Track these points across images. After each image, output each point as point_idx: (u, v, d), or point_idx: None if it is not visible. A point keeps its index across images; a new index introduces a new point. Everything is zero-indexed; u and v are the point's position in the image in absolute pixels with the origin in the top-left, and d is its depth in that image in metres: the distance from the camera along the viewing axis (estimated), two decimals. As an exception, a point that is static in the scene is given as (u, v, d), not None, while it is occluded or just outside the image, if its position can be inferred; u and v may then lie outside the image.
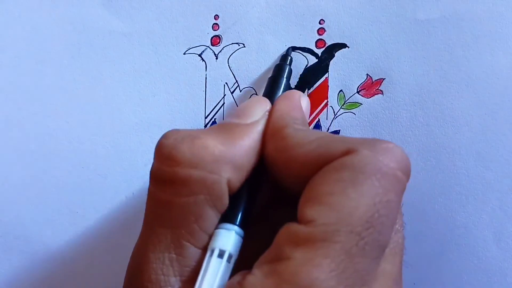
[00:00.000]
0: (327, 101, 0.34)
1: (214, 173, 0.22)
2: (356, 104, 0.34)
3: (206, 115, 0.35)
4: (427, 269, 0.33)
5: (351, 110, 0.34)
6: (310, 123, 0.34)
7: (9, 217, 0.36)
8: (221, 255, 0.21)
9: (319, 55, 0.34)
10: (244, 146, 0.23)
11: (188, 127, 0.35)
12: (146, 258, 0.22)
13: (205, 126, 0.35)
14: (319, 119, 0.34)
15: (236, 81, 0.35)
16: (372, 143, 0.22)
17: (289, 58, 0.33)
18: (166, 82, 0.35)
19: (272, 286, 0.19)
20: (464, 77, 0.33)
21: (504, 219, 0.32)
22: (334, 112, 0.34)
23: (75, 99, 0.36)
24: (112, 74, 0.35)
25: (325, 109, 0.34)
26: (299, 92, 0.27)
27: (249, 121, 0.24)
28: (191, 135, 0.22)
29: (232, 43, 0.35)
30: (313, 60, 0.34)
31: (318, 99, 0.34)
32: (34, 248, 0.36)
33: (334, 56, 0.34)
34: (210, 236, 0.22)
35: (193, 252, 0.22)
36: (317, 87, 0.34)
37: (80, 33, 0.36)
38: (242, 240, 0.23)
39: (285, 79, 0.31)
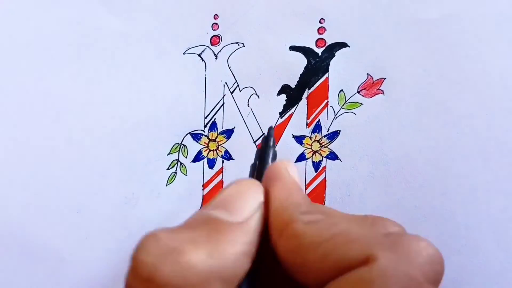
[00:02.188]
0: (328, 101, 0.34)
1: None
2: (357, 104, 0.34)
3: (205, 115, 0.35)
4: (428, 270, 0.33)
5: (352, 110, 0.34)
6: (310, 124, 0.34)
7: (9, 217, 0.36)
8: None
9: (319, 54, 0.34)
10: (237, 255, 0.19)
11: (188, 126, 0.35)
12: None
13: (205, 125, 0.35)
14: (319, 119, 0.34)
15: (236, 81, 0.35)
16: (395, 243, 0.19)
17: (272, 140, 0.27)
18: (166, 82, 0.35)
19: None
20: (465, 77, 0.32)
21: (505, 220, 0.32)
22: (334, 112, 0.34)
23: (75, 99, 0.36)
24: (112, 74, 0.35)
25: (326, 109, 0.34)
26: (284, 163, 0.22)
27: (241, 218, 0.20)
28: (175, 250, 0.19)
29: (232, 43, 0.35)
30: (313, 59, 0.34)
31: (318, 99, 0.34)
32: (34, 248, 0.36)
33: (334, 55, 0.34)
34: None
35: None
36: (317, 86, 0.34)
37: (80, 33, 0.36)
38: None
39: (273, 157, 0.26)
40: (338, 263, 0.18)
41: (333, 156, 0.34)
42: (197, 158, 0.35)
